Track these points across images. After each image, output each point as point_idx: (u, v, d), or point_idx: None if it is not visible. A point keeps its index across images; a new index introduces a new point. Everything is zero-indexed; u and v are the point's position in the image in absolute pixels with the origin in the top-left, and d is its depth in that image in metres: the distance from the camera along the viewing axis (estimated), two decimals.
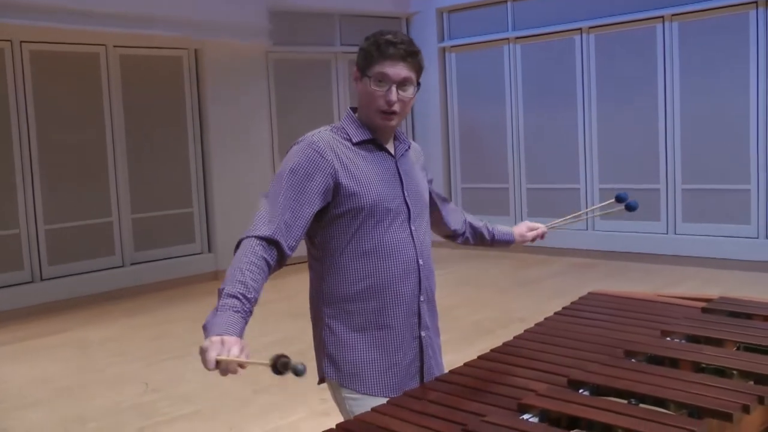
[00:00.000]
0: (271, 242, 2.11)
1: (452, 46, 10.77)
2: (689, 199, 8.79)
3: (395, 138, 2.41)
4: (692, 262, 8.56)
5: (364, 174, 2.27)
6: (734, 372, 2.11)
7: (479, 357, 2.40)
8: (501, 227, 2.90)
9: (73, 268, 8.41)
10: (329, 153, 2.23)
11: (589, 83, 9.43)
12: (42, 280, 8.18)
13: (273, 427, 4.62)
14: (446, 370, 2.36)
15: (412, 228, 2.34)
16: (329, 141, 2.27)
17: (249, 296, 1.96)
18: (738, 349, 2.36)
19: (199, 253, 9.43)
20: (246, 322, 1.93)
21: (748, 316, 2.68)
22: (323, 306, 2.32)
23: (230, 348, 1.78)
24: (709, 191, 8.63)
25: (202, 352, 1.79)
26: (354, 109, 2.39)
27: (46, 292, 8.10)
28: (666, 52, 8.74)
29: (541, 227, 2.94)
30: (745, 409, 1.84)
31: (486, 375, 2.23)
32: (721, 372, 2.12)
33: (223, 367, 1.78)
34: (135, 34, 8.34)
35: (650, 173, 8.99)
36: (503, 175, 10.36)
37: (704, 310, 2.78)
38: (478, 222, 2.85)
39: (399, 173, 2.36)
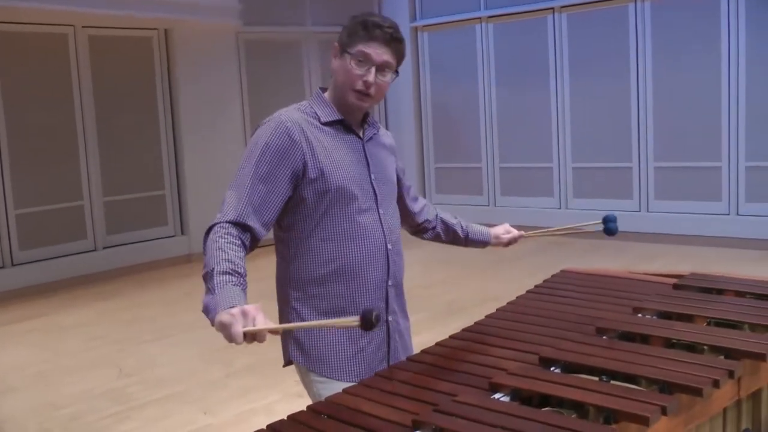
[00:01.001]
0: (242, 226, 2.08)
1: (424, 26, 10.71)
2: (661, 176, 8.85)
3: (364, 121, 2.36)
4: (664, 239, 8.63)
5: (331, 156, 2.22)
6: (705, 347, 2.12)
7: (450, 336, 2.39)
8: (476, 226, 2.80)
9: (45, 253, 8.31)
10: (298, 134, 2.19)
11: (562, 62, 9.43)
12: (13, 265, 8.08)
13: (247, 410, 4.60)
14: (418, 350, 2.35)
15: (381, 212, 2.30)
16: (298, 121, 2.22)
17: (239, 271, 1.95)
18: (709, 324, 2.37)
19: (172, 236, 9.36)
20: (246, 295, 1.89)
21: (719, 292, 2.70)
22: (290, 289, 2.29)
23: (254, 317, 1.74)
24: (681, 169, 8.69)
25: (224, 327, 1.73)
26: (323, 90, 2.35)
27: (17, 277, 8.00)
28: (638, 31, 8.76)
29: (516, 233, 2.84)
30: (716, 384, 1.85)
31: (457, 354, 2.22)
32: (692, 347, 2.13)
33: (251, 338, 1.73)
34: (104, 14, 8.20)
35: (623, 151, 9.03)
36: (476, 155, 10.34)
37: (676, 286, 2.79)
38: (452, 219, 2.76)
39: (366, 156, 2.31)
